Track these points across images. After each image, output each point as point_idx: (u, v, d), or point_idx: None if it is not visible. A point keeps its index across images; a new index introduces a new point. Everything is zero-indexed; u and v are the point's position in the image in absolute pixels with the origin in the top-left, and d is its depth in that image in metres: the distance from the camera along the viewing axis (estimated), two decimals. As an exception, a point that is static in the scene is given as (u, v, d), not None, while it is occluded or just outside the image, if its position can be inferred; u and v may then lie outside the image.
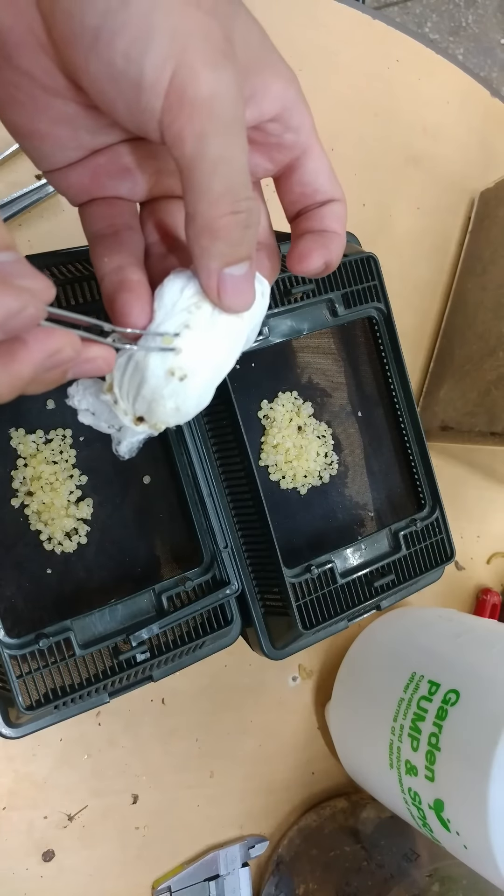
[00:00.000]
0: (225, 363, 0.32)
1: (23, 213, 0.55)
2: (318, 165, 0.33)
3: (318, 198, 0.33)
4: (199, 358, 0.31)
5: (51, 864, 0.55)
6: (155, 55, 0.25)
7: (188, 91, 0.25)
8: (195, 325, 0.30)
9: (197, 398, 0.32)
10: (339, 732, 0.63)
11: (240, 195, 0.27)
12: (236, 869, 0.60)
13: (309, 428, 0.55)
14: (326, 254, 0.33)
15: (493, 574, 0.76)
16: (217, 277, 0.29)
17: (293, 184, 0.33)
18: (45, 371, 0.26)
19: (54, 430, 0.48)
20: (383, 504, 0.57)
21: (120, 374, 0.32)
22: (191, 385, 0.31)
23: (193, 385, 0.31)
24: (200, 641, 0.48)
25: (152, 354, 0.30)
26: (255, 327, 0.34)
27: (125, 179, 0.33)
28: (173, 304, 0.30)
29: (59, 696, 0.43)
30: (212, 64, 0.25)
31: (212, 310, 0.30)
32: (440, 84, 0.77)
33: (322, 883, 0.59)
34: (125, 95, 0.26)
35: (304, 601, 0.50)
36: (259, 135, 0.32)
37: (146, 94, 0.26)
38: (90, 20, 0.25)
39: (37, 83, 0.28)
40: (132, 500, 0.49)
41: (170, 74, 0.25)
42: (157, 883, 0.58)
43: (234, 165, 0.27)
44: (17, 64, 0.28)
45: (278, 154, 0.33)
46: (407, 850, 0.59)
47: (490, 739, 0.47)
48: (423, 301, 0.75)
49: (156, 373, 0.30)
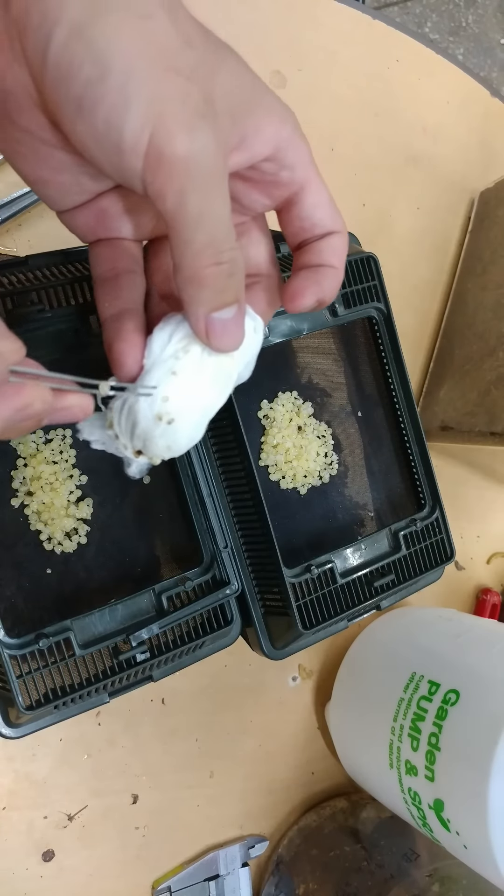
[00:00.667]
0: (214, 403, 0.34)
1: (23, 213, 0.55)
2: (316, 199, 0.34)
3: (316, 231, 0.34)
4: (185, 403, 0.33)
5: (51, 864, 0.55)
6: (133, 121, 0.27)
7: (165, 152, 0.27)
8: (182, 371, 0.32)
9: (187, 438, 0.34)
10: (339, 732, 0.63)
11: (222, 247, 0.29)
12: (236, 869, 0.60)
13: (309, 428, 0.55)
14: (318, 291, 0.34)
15: (493, 574, 0.76)
16: (205, 321, 0.30)
17: (292, 218, 0.34)
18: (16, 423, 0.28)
19: (54, 430, 0.48)
20: (383, 504, 0.57)
21: (117, 415, 0.34)
22: (179, 428, 0.33)
23: (182, 427, 0.33)
24: (200, 641, 0.48)
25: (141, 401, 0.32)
26: (249, 363, 0.35)
27: (128, 220, 0.35)
28: (161, 350, 0.32)
29: (59, 696, 0.43)
30: (188, 126, 0.27)
31: (201, 351, 0.32)
32: (440, 84, 0.77)
33: (322, 883, 0.59)
34: (108, 156, 0.28)
35: (304, 601, 0.50)
36: (255, 174, 0.33)
37: (127, 155, 0.28)
38: (74, 91, 0.27)
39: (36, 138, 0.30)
40: (132, 500, 0.49)
41: (147, 137, 0.27)
42: (157, 883, 0.58)
43: (215, 218, 0.28)
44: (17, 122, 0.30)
45: (276, 191, 0.34)
46: (407, 850, 0.59)
47: (490, 739, 0.47)
48: (423, 301, 0.75)
49: (146, 416, 0.33)
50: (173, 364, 0.32)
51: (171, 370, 0.32)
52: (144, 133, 0.27)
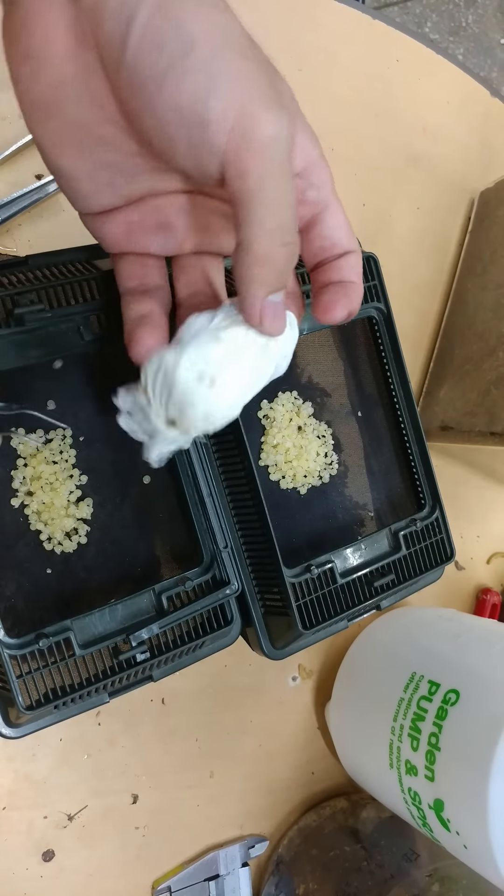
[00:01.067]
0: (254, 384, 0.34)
1: (23, 213, 0.55)
2: (337, 221, 0.35)
3: (335, 251, 0.36)
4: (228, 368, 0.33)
5: (51, 864, 0.55)
6: (220, 97, 0.28)
7: (252, 132, 0.28)
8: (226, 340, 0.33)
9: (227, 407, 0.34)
10: (339, 732, 0.63)
11: (289, 230, 0.30)
12: (236, 869, 0.60)
13: (309, 428, 0.55)
14: (349, 303, 0.36)
15: (493, 574, 0.76)
16: (261, 303, 0.31)
17: (314, 237, 0.36)
18: None
19: (54, 430, 0.48)
20: (383, 504, 0.57)
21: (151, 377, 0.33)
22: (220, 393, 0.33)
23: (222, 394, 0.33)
24: (200, 641, 0.48)
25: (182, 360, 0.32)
26: (287, 356, 0.36)
27: (157, 235, 0.36)
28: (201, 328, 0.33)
29: (59, 696, 0.43)
30: (271, 108, 0.28)
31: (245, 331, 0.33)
32: (440, 84, 0.77)
33: (322, 883, 0.59)
34: (189, 133, 0.29)
35: (304, 601, 0.50)
36: None
37: (211, 131, 0.28)
38: (159, 65, 0.28)
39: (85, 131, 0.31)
40: (132, 500, 0.49)
41: (234, 115, 0.28)
42: (157, 883, 0.58)
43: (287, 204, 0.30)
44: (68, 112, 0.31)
45: (301, 209, 0.35)
46: (407, 850, 0.59)
47: (490, 739, 0.47)
48: (423, 301, 0.75)
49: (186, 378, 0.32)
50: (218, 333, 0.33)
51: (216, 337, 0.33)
52: (231, 110, 0.28)
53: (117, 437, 0.49)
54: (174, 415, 0.34)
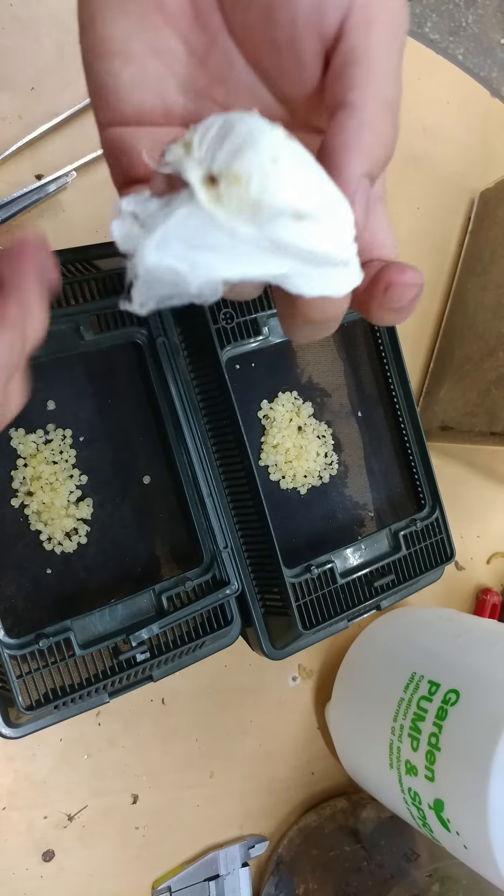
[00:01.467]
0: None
1: (23, 213, 0.55)
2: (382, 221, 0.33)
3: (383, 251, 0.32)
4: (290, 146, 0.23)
5: (51, 864, 0.55)
6: None
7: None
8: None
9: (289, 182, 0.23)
10: (339, 732, 0.63)
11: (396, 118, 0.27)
12: (236, 869, 0.60)
13: (309, 428, 0.55)
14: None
15: (493, 574, 0.76)
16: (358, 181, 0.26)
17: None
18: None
19: (54, 430, 0.48)
20: (383, 504, 0.57)
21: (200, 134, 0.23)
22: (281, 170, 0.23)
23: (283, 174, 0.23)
24: (200, 641, 0.48)
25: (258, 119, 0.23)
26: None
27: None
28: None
29: (59, 696, 0.43)
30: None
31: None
32: (440, 84, 0.77)
33: (322, 883, 0.59)
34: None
35: (304, 601, 0.50)
36: None
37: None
38: None
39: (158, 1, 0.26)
40: (132, 500, 0.49)
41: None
42: (157, 883, 0.58)
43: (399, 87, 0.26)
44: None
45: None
46: (407, 850, 0.59)
47: (490, 739, 0.47)
48: (423, 301, 0.75)
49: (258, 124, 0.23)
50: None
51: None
52: None
53: (117, 437, 0.49)
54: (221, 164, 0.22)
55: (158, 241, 0.22)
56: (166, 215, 0.22)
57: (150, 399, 0.50)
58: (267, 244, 0.23)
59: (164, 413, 0.49)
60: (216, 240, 0.22)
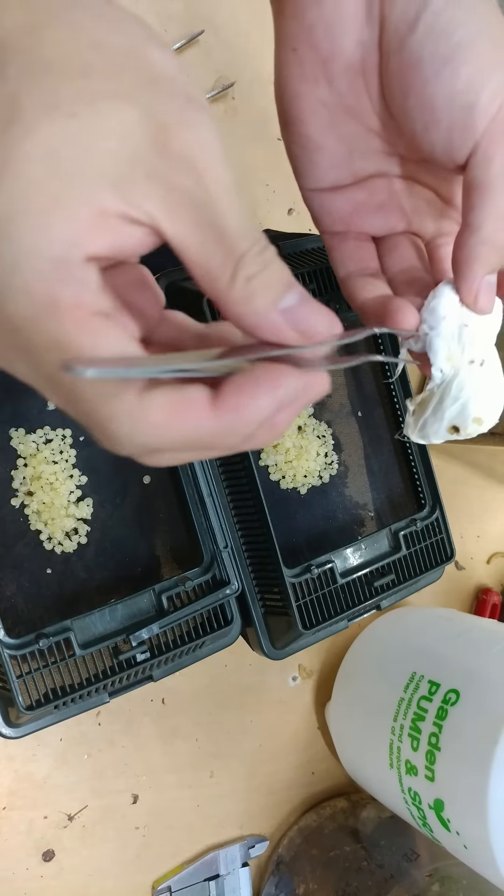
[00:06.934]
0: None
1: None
2: None
3: None
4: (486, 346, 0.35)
5: (51, 864, 0.54)
6: (493, 86, 0.30)
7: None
8: (470, 322, 0.35)
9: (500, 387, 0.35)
10: (339, 732, 0.63)
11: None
12: (236, 869, 0.60)
13: (309, 428, 0.55)
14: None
15: (493, 574, 0.76)
16: (479, 282, 0.34)
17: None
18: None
19: (54, 430, 0.48)
20: (383, 504, 0.57)
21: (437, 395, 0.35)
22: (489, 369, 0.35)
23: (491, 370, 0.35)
24: (200, 641, 0.48)
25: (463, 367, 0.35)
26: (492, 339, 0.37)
27: (377, 216, 0.38)
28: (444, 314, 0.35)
29: (59, 696, 0.43)
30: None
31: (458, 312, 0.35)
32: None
33: (322, 883, 0.59)
34: (452, 116, 0.31)
35: (304, 601, 0.50)
36: None
37: (476, 116, 0.31)
38: (443, 50, 0.30)
39: (343, 102, 0.34)
40: (132, 500, 0.49)
41: (499, 104, 0.30)
42: (157, 883, 0.58)
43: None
44: (335, 82, 0.34)
45: None
46: (407, 850, 0.59)
47: (490, 739, 0.47)
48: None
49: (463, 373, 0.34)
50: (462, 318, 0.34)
51: (463, 323, 0.34)
52: (498, 99, 0.30)
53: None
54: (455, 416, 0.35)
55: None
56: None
57: (150, 399, 0.50)
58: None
59: (164, 413, 0.49)
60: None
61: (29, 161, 0.21)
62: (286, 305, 0.25)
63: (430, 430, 0.36)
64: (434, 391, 0.36)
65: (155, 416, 0.23)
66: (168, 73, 0.24)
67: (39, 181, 0.22)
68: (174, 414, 0.23)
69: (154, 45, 0.24)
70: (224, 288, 0.24)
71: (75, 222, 0.22)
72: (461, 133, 0.31)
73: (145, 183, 0.23)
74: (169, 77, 0.24)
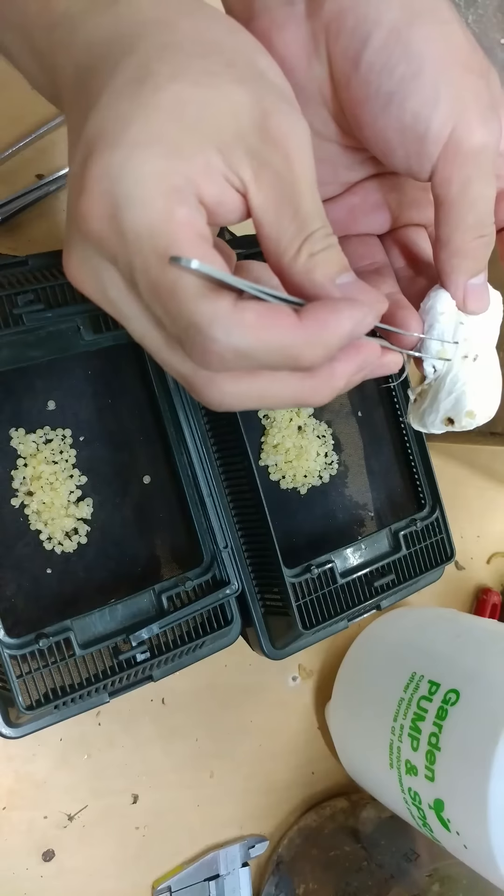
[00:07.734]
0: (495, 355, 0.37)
1: (23, 213, 0.55)
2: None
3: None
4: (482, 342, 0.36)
5: (51, 864, 0.54)
6: (441, 115, 0.31)
7: (463, 144, 0.31)
8: (466, 320, 0.35)
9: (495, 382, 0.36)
10: (339, 732, 0.63)
11: (486, 223, 0.33)
12: (236, 869, 0.60)
13: (309, 428, 0.55)
14: None
15: (493, 574, 0.76)
16: (463, 288, 0.34)
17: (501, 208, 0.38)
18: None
19: (54, 430, 0.48)
20: (383, 504, 0.57)
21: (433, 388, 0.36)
22: (482, 365, 0.36)
23: (485, 365, 0.36)
24: (200, 641, 0.48)
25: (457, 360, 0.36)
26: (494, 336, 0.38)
27: (375, 215, 0.39)
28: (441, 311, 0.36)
29: (59, 695, 0.43)
30: (483, 120, 0.31)
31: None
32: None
33: (322, 883, 0.59)
34: (407, 145, 0.32)
35: (304, 601, 0.50)
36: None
37: (429, 144, 0.31)
38: (386, 87, 0.31)
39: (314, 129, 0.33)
40: (132, 500, 0.49)
41: (450, 129, 0.31)
42: (157, 883, 0.58)
43: (487, 200, 0.33)
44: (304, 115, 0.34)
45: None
46: (407, 850, 0.59)
47: (490, 739, 0.47)
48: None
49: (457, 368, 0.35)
50: (459, 315, 0.35)
51: (459, 321, 0.35)
52: (448, 126, 0.31)
53: (117, 437, 0.49)
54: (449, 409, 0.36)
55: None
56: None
57: (150, 399, 0.50)
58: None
59: (164, 413, 0.49)
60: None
61: (158, 108, 0.26)
62: (342, 282, 0.28)
63: (427, 420, 0.37)
64: (432, 383, 0.37)
65: (249, 318, 0.26)
66: (272, 74, 0.29)
67: (165, 123, 0.26)
68: (266, 318, 0.26)
69: (261, 52, 0.30)
70: (289, 260, 0.28)
71: (192, 164, 0.26)
72: (418, 160, 0.32)
73: (244, 155, 0.27)
74: (272, 76, 0.29)
